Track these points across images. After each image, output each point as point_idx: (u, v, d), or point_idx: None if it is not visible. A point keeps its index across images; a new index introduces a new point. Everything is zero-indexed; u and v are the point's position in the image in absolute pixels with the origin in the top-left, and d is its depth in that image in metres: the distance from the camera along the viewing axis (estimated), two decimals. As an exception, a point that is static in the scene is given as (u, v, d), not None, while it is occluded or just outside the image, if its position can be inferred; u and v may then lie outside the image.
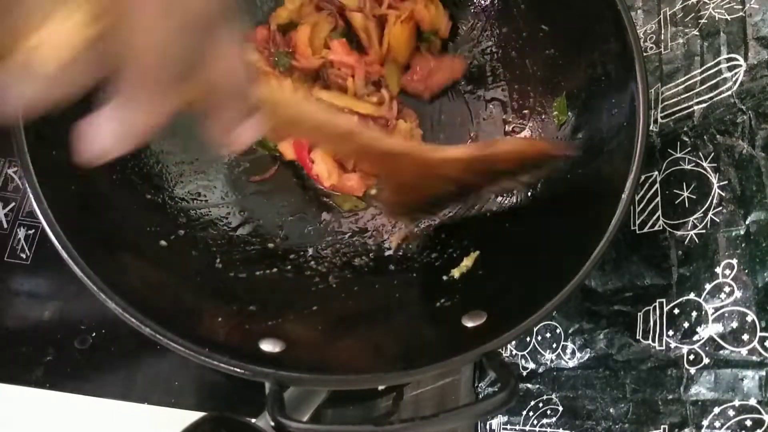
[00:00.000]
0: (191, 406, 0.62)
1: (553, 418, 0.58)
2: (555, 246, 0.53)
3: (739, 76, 0.49)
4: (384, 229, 0.64)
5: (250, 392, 0.62)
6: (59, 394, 0.61)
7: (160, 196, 0.59)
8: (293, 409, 0.50)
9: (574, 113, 0.60)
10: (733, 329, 0.44)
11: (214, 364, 0.41)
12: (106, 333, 0.63)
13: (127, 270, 0.49)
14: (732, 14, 0.52)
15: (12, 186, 0.68)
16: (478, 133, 0.68)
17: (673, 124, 0.55)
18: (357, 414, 0.65)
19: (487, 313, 0.49)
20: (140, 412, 0.62)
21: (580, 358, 0.58)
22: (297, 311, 0.55)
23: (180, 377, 0.63)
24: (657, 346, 0.50)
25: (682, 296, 0.49)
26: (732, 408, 0.43)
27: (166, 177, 0.60)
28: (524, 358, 0.64)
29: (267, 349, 0.46)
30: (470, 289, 0.56)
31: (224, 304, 0.52)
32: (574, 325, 0.59)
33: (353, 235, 0.64)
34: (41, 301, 0.64)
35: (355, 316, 0.55)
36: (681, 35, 0.57)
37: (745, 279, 0.44)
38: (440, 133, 0.69)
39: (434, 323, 0.53)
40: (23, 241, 0.66)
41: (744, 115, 0.47)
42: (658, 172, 0.55)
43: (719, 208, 0.48)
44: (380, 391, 0.66)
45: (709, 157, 0.50)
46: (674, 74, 0.57)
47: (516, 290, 0.52)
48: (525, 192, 0.61)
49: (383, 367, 0.44)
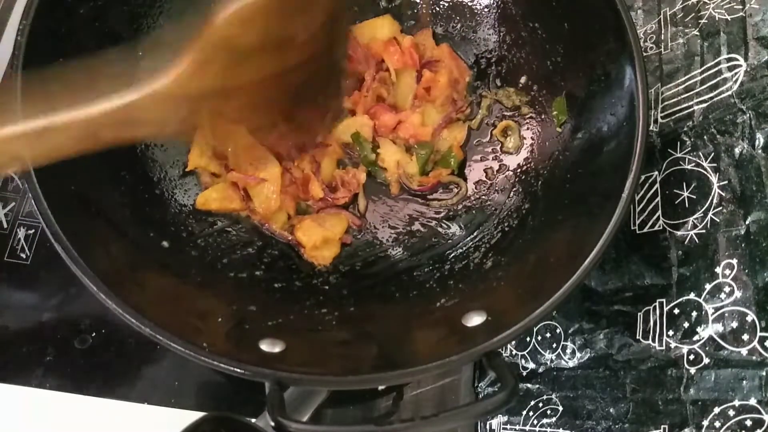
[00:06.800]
0: (191, 406, 0.62)
1: (553, 418, 0.58)
2: (555, 246, 0.53)
3: (739, 76, 0.49)
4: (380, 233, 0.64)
5: (250, 392, 0.62)
6: (59, 394, 0.61)
7: (161, 198, 0.59)
8: (293, 409, 0.50)
9: (574, 113, 0.60)
10: (733, 329, 0.44)
11: (214, 364, 0.41)
12: (106, 333, 0.63)
13: (127, 270, 0.49)
14: (732, 14, 0.52)
15: (12, 186, 0.68)
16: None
17: (673, 124, 0.55)
18: (357, 414, 0.65)
19: (487, 313, 0.49)
20: (140, 412, 0.62)
21: (580, 358, 0.58)
22: (297, 311, 0.55)
23: (180, 377, 0.63)
24: (657, 346, 0.50)
25: (682, 296, 0.49)
26: (732, 408, 0.43)
27: (167, 180, 0.60)
28: (524, 358, 0.64)
29: (267, 349, 0.46)
30: (470, 289, 0.56)
31: (224, 304, 0.53)
32: (574, 325, 0.59)
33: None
34: (41, 301, 0.64)
35: (356, 315, 0.55)
36: (681, 35, 0.57)
37: (745, 279, 0.44)
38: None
39: (434, 323, 0.53)
40: (23, 241, 0.66)
41: (744, 115, 0.47)
42: (658, 172, 0.55)
43: (719, 208, 0.48)
44: (380, 391, 0.66)
45: (709, 157, 0.50)
46: (674, 74, 0.57)
47: (516, 290, 0.52)
48: (525, 192, 0.62)
49: (383, 366, 0.44)
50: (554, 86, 0.62)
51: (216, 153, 0.62)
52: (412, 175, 0.65)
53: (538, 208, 0.59)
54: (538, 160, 0.62)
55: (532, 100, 0.65)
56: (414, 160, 0.65)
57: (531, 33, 0.64)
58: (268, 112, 0.52)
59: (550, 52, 0.62)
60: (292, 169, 0.62)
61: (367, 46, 0.67)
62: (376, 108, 0.66)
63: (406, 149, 0.66)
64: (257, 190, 0.60)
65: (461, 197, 0.65)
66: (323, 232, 0.61)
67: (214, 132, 0.61)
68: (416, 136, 0.65)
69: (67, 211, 0.46)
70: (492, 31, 0.67)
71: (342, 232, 0.62)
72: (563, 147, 0.60)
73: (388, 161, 0.65)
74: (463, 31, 0.69)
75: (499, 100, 0.67)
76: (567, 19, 0.59)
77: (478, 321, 0.48)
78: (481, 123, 0.67)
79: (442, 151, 0.66)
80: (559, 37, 0.61)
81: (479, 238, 0.62)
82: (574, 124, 0.59)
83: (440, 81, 0.65)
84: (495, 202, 0.63)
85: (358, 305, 0.56)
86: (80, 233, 0.45)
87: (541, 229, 0.57)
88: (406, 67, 0.66)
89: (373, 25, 0.68)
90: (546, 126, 0.63)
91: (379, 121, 0.65)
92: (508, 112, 0.66)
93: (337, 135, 0.65)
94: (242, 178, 0.60)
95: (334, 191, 0.64)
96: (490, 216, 0.63)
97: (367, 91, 0.66)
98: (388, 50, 0.66)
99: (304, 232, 0.60)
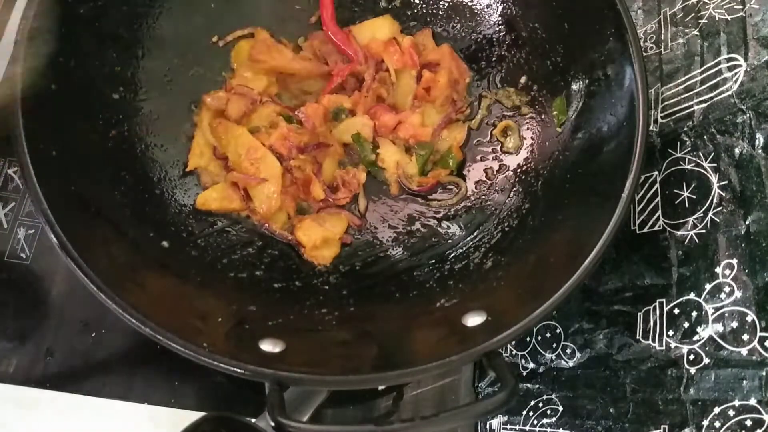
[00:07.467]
0: (191, 406, 0.62)
1: (553, 418, 0.58)
2: (555, 246, 0.53)
3: (739, 76, 0.49)
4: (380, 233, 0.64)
5: (250, 392, 0.62)
6: (59, 394, 0.61)
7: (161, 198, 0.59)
8: (293, 409, 0.50)
9: (574, 113, 0.60)
10: (733, 329, 0.44)
11: (214, 364, 0.41)
12: (106, 333, 0.63)
13: (127, 270, 0.49)
14: (732, 14, 0.52)
15: (12, 186, 0.68)
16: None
17: (673, 124, 0.55)
18: (357, 414, 0.65)
19: (487, 313, 0.49)
20: (140, 412, 0.62)
21: (580, 358, 0.58)
22: (297, 311, 0.55)
23: (180, 377, 0.63)
24: (657, 346, 0.50)
25: (682, 296, 0.49)
26: (732, 408, 0.43)
27: (167, 180, 0.60)
28: (524, 358, 0.64)
29: (267, 349, 0.46)
30: (470, 289, 0.56)
31: (224, 304, 0.53)
32: (574, 325, 0.59)
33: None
34: (41, 301, 0.64)
35: (356, 315, 0.55)
36: (681, 35, 0.57)
37: (745, 279, 0.44)
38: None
39: (434, 323, 0.53)
40: (23, 241, 0.66)
41: (744, 115, 0.47)
42: (658, 172, 0.55)
43: (719, 208, 0.48)
44: (380, 391, 0.66)
45: (709, 157, 0.50)
46: (674, 74, 0.57)
47: (516, 290, 0.52)
48: (525, 192, 0.62)
49: (383, 366, 0.44)
50: (554, 86, 0.62)
51: (216, 153, 0.62)
52: (412, 175, 0.65)
53: (538, 208, 0.59)
54: (538, 160, 0.62)
55: (532, 100, 0.65)
56: (413, 161, 0.65)
57: (531, 33, 0.64)
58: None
59: (550, 52, 0.62)
60: (293, 170, 0.62)
61: (367, 46, 0.67)
62: (376, 108, 0.66)
63: (405, 149, 0.66)
64: (257, 190, 0.60)
65: (461, 197, 0.65)
66: (323, 231, 0.61)
67: (214, 132, 0.61)
68: (416, 136, 0.65)
69: (67, 211, 0.46)
70: (492, 31, 0.67)
71: (342, 231, 0.62)
72: (563, 147, 0.60)
73: (388, 161, 0.65)
74: (463, 31, 0.69)
75: (499, 100, 0.67)
76: (567, 19, 0.59)
77: (478, 321, 0.48)
78: (480, 123, 0.67)
79: (441, 152, 0.66)
80: (559, 37, 0.61)
81: (479, 238, 0.62)
82: (574, 124, 0.59)
83: (440, 81, 0.65)
84: (495, 202, 0.63)
85: (358, 305, 0.56)
86: (80, 233, 0.45)
87: (541, 229, 0.57)
88: (405, 68, 0.66)
89: (373, 25, 0.68)
90: (546, 126, 0.63)
91: (379, 121, 0.65)
92: (508, 112, 0.66)
93: (337, 135, 0.65)
94: (242, 178, 0.60)
95: (335, 192, 0.64)
96: (490, 216, 0.63)
97: (367, 91, 0.66)
98: (388, 50, 0.66)
99: (304, 231, 0.61)
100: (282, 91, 0.66)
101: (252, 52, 0.64)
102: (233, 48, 0.67)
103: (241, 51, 0.66)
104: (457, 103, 0.67)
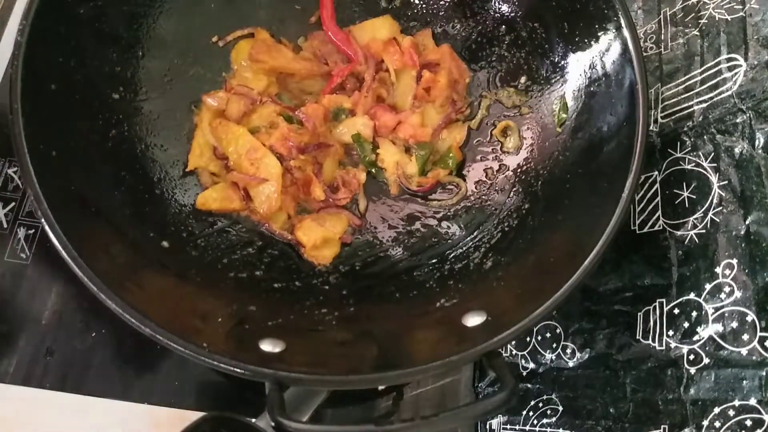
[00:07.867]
0: (191, 406, 0.62)
1: (553, 418, 0.58)
2: (555, 246, 0.53)
3: (739, 76, 0.49)
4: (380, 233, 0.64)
5: (250, 392, 0.61)
6: (59, 394, 0.61)
7: (161, 198, 0.59)
8: (293, 409, 0.50)
9: (574, 113, 0.60)
10: (733, 329, 0.44)
11: (214, 364, 0.41)
12: (106, 333, 0.63)
13: (127, 270, 0.49)
14: (732, 14, 0.52)
15: (12, 186, 0.67)
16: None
17: (673, 124, 0.55)
18: (357, 414, 0.65)
19: (487, 313, 0.49)
20: (140, 412, 0.62)
21: (580, 358, 0.58)
22: (297, 311, 0.55)
23: (180, 377, 0.63)
24: (657, 346, 0.50)
25: (682, 296, 0.49)
26: (732, 408, 0.43)
27: (167, 180, 0.60)
28: (524, 358, 0.64)
29: (267, 349, 0.46)
30: (470, 289, 0.56)
31: (224, 304, 0.52)
32: (574, 325, 0.59)
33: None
34: (41, 301, 0.64)
35: (356, 315, 0.55)
36: (681, 35, 0.57)
37: (745, 279, 0.44)
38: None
39: (434, 323, 0.53)
40: (23, 241, 0.66)
41: (744, 115, 0.47)
42: (658, 172, 0.55)
43: (719, 208, 0.48)
44: (380, 391, 0.66)
45: (709, 157, 0.50)
46: (674, 74, 0.57)
47: (516, 290, 0.52)
48: (525, 192, 0.62)
49: (383, 366, 0.44)
50: (554, 86, 0.62)
51: (216, 153, 0.62)
52: (411, 175, 0.65)
53: (538, 208, 0.59)
54: (538, 160, 0.62)
55: (532, 100, 0.65)
56: (413, 161, 0.65)
57: (531, 33, 0.64)
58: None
59: (550, 52, 0.62)
60: (293, 170, 0.62)
61: (367, 46, 0.67)
62: (376, 108, 0.66)
63: (405, 150, 0.66)
64: (257, 190, 0.60)
65: (461, 197, 0.65)
66: (323, 231, 0.61)
67: (215, 132, 0.62)
68: (416, 136, 0.65)
69: (67, 211, 0.46)
70: (492, 32, 0.67)
71: (342, 231, 0.62)
72: (563, 147, 0.60)
73: (388, 161, 0.65)
74: (463, 31, 0.69)
75: (499, 100, 0.67)
76: (567, 18, 0.59)
77: (478, 321, 0.48)
78: (480, 123, 0.67)
79: (441, 152, 0.66)
80: (559, 37, 0.61)
81: (479, 238, 0.61)
82: (574, 124, 0.59)
83: (440, 81, 0.65)
84: (495, 202, 0.63)
85: (358, 305, 0.56)
86: (80, 233, 0.45)
87: (541, 229, 0.57)
88: (405, 68, 0.66)
89: (372, 25, 0.68)
90: (546, 126, 0.63)
91: (379, 121, 0.65)
92: (508, 112, 0.66)
93: (337, 135, 0.65)
94: (242, 178, 0.60)
95: (335, 192, 0.64)
96: (490, 216, 0.63)
97: (367, 91, 0.66)
98: (387, 50, 0.66)
99: (304, 231, 0.61)
100: (282, 91, 0.66)
101: (252, 52, 0.64)
102: (233, 48, 0.67)
103: (241, 51, 0.66)
104: (457, 103, 0.67)
